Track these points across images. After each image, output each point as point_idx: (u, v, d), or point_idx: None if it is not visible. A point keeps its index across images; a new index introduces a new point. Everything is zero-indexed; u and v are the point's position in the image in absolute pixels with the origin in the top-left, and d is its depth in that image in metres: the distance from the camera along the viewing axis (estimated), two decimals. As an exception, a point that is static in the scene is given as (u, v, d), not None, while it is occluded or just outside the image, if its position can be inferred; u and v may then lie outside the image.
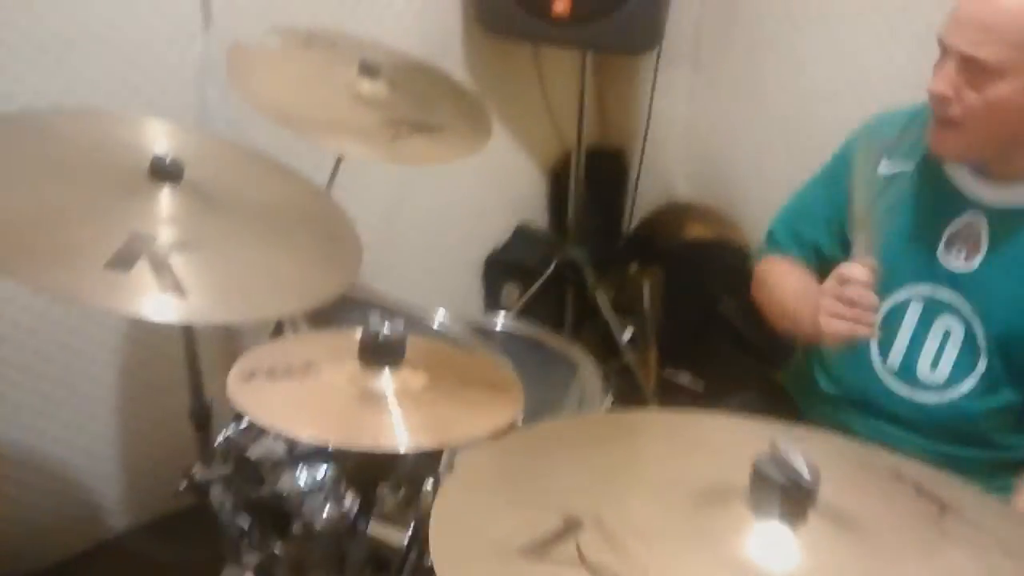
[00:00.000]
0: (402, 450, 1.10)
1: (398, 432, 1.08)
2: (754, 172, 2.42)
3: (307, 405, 1.09)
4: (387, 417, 1.08)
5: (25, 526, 1.88)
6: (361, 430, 1.06)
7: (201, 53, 1.87)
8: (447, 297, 2.35)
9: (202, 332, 1.52)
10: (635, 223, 2.72)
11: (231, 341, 1.92)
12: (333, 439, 1.08)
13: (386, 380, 1.10)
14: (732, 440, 0.97)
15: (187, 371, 1.55)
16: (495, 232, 2.61)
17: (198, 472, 1.37)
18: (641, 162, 2.63)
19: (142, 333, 1.93)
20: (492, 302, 2.55)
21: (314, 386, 1.10)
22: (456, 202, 2.46)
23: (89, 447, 1.96)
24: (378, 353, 1.10)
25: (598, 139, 2.66)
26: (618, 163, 2.69)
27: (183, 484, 1.39)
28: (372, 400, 1.09)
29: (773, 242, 1.62)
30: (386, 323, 1.09)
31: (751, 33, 2.35)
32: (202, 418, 1.56)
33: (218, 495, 1.31)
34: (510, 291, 2.51)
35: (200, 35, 1.87)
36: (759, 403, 1.65)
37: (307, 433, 1.06)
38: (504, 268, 2.56)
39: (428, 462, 1.20)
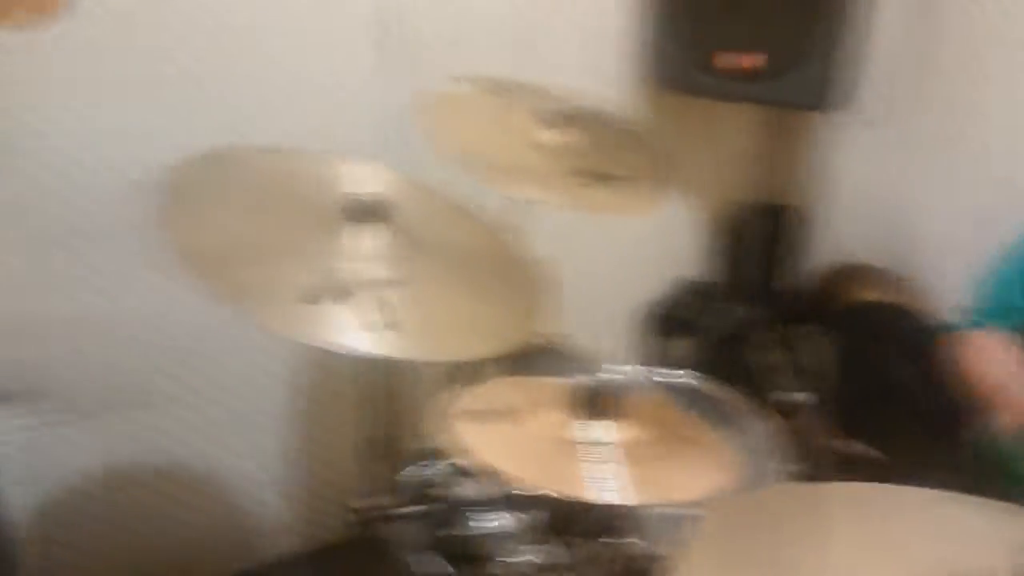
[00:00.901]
0: (614, 503, 1.07)
1: (608, 484, 1.05)
2: (941, 236, 2.32)
3: (514, 449, 1.08)
4: (597, 468, 1.05)
5: (186, 546, 1.93)
6: (569, 479, 1.04)
7: (375, 95, 1.93)
8: (605, 347, 2.32)
9: (373, 367, 1.53)
10: (804, 282, 2.63)
11: (402, 379, 1.94)
12: (541, 486, 1.06)
13: (598, 430, 1.09)
14: (972, 523, 0.91)
15: (359, 405, 1.57)
16: (656, 284, 2.57)
17: (369, 505, 1.38)
18: (813, 219, 2.55)
19: (314, 366, 1.98)
20: (650, 354, 2.50)
21: (521, 431, 1.09)
22: (619, 252, 2.44)
23: (256, 474, 2.01)
24: (591, 403, 1.08)
25: (767, 194, 2.60)
26: (787, 219, 2.62)
27: (352, 515, 1.39)
28: (581, 450, 1.07)
29: (981, 313, 1.53)
30: (600, 375, 1.08)
31: (938, 92, 2.27)
32: (374, 451, 1.57)
33: (399, 531, 1.31)
34: (670, 345, 2.45)
35: (374, 78, 1.92)
36: (944, 479, 1.55)
37: (515, 477, 1.05)
38: (664, 321, 2.51)
39: (626, 516, 1.17)
